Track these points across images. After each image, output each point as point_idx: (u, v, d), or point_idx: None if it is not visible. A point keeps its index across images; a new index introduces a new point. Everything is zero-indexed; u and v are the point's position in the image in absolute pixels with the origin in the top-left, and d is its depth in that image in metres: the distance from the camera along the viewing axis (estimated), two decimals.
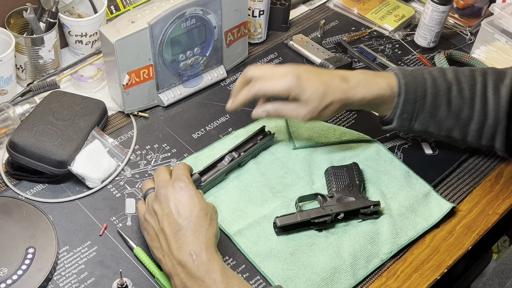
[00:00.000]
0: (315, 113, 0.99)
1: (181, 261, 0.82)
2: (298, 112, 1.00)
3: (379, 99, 1.01)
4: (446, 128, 1.04)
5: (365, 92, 1.00)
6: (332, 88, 0.99)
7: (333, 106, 1.00)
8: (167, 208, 0.85)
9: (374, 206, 0.99)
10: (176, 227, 0.84)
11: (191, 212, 0.85)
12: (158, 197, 0.87)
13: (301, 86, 0.98)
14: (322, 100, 0.98)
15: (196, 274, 0.81)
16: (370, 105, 1.03)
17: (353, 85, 1.00)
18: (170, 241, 0.84)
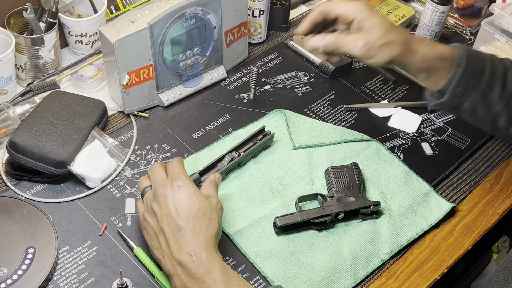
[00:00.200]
0: (374, 46, 0.92)
1: (181, 261, 0.82)
2: (356, 43, 0.93)
3: (439, 62, 0.95)
4: (495, 112, 0.98)
5: (428, 49, 0.95)
6: (398, 30, 0.94)
7: (394, 47, 0.93)
8: (166, 208, 0.85)
9: (374, 206, 0.99)
10: (175, 228, 0.84)
11: (190, 213, 0.84)
12: (156, 197, 0.87)
13: (370, 12, 0.93)
14: (386, 34, 0.93)
15: (196, 275, 0.81)
16: (428, 68, 0.96)
17: (418, 39, 0.96)
18: (169, 241, 0.84)
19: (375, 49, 0.93)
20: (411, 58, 0.94)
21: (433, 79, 0.98)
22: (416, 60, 0.95)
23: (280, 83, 1.25)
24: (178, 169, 0.89)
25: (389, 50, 0.93)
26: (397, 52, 0.93)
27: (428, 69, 0.96)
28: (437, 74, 0.97)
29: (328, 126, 1.14)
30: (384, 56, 0.93)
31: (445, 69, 0.96)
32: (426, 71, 0.96)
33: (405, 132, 1.17)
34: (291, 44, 1.33)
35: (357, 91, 1.25)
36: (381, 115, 1.20)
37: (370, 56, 0.93)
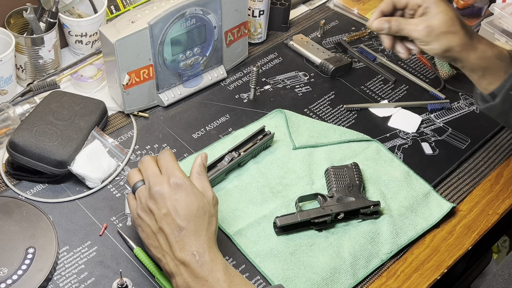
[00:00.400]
0: (434, 31, 0.93)
1: (184, 261, 0.81)
2: (418, 26, 0.94)
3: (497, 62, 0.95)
4: None
5: (488, 47, 0.95)
6: (462, 22, 0.95)
7: (454, 37, 0.93)
8: (164, 208, 0.83)
9: (374, 206, 0.99)
10: (176, 228, 0.83)
11: (190, 213, 0.83)
12: (153, 196, 0.84)
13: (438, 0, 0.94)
14: (449, 22, 0.93)
15: (199, 274, 0.80)
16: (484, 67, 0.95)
17: (479, 36, 0.96)
18: (171, 241, 0.83)
19: (435, 34, 0.93)
20: (469, 53, 0.94)
21: (487, 79, 0.97)
22: (474, 57, 0.94)
23: (280, 83, 1.25)
24: (172, 164, 0.86)
25: (449, 39, 0.93)
26: (456, 43, 0.93)
27: (484, 68, 0.95)
28: (493, 75, 0.96)
29: (328, 126, 1.14)
30: (443, 43, 0.94)
31: (501, 71, 0.95)
32: (482, 69, 0.96)
33: (405, 132, 1.17)
34: (291, 44, 1.33)
35: (357, 91, 1.25)
36: (381, 115, 1.20)
37: (429, 40, 0.94)
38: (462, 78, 1.29)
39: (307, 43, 1.33)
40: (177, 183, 0.84)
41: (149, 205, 0.85)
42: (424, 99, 1.24)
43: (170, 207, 0.83)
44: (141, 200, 0.86)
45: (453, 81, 1.28)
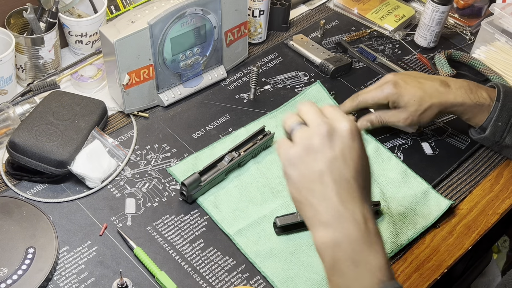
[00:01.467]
0: (414, 117, 1.05)
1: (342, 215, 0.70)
2: (399, 117, 1.06)
3: (478, 107, 1.04)
4: None
5: (465, 98, 1.04)
6: (430, 92, 1.04)
7: (432, 110, 1.04)
8: (332, 151, 0.71)
9: (374, 206, 0.99)
10: (342, 179, 0.71)
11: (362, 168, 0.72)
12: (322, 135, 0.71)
13: (399, 93, 1.04)
14: (420, 104, 1.04)
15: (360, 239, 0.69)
16: (467, 113, 1.05)
17: (453, 90, 1.04)
18: (333, 190, 0.70)
19: (416, 118, 1.05)
20: (450, 110, 1.05)
21: (474, 120, 1.07)
22: (455, 111, 1.05)
23: (280, 83, 1.25)
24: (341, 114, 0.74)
25: (429, 114, 1.05)
26: (436, 112, 1.05)
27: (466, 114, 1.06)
28: (477, 118, 1.06)
29: None
30: (428, 118, 1.05)
31: (484, 112, 1.05)
32: (467, 115, 1.06)
33: (405, 132, 1.17)
34: (291, 44, 1.33)
35: (357, 91, 1.25)
36: None
37: (416, 123, 1.06)
38: (462, 78, 1.30)
39: (307, 43, 1.33)
40: (352, 131, 0.72)
41: (315, 145, 0.72)
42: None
43: (339, 153, 0.71)
44: (302, 140, 0.73)
45: None
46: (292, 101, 1.19)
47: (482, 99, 1.04)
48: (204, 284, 0.92)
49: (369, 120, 1.09)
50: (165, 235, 0.98)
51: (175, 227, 0.99)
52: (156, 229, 0.98)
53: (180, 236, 0.98)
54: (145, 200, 1.02)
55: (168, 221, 1.00)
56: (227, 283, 0.93)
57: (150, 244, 0.96)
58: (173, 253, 0.96)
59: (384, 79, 1.07)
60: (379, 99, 1.06)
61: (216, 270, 0.94)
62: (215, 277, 0.93)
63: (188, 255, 0.96)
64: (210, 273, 0.94)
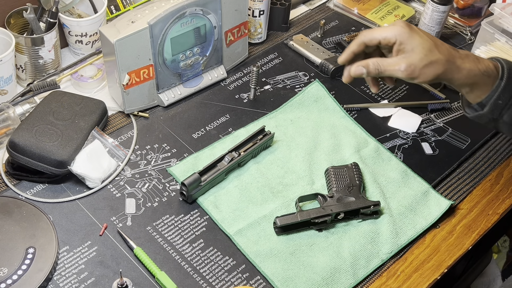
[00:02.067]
0: (416, 68, 0.93)
1: None
2: (400, 66, 0.94)
3: (484, 78, 0.96)
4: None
5: (473, 65, 0.96)
6: (441, 48, 0.95)
7: (437, 66, 0.94)
8: None
9: (374, 206, 0.99)
10: None
11: None
12: None
13: (410, 34, 0.94)
14: (428, 54, 0.94)
15: None
16: (472, 83, 0.97)
17: (463, 55, 0.97)
18: None
19: (419, 70, 0.93)
20: (456, 75, 0.95)
21: (475, 93, 0.98)
22: (460, 77, 0.95)
23: (280, 83, 1.25)
24: None
25: (433, 70, 0.94)
26: (441, 71, 0.94)
27: (472, 84, 0.97)
28: (480, 89, 0.97)
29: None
30: (429, 75, 0.94)
31: (488, 85, 0.96)
32: (470, 86, 0.97)
33: (405, 132, 1.17)
34: (291, 44, 1.33)
35: (357, 91, 1.25)
36: (381, 115, 1.20)
37: (415, 77, 0.94)
38: None
39: (307, 43, 1.33)
40: None
41: None
42: (424, 99, 1.24)
43: None
44: None
45: None
46: (292, 101, 1.19)
47: (490, 70, 0.97)
48: (204, 284, 0.92)
49: (366, 66, 0.96)
50: (165, 235, 0.98)
51: (175, 227, 0.99)
52: (156, 229, 0.98)
53: (180, 236, 0.98)
54: (145, 200, 1.02)
55: (168, 221, 1.00)
56: (227, 283, 0.93)
57: (150, 244, 0.96)
58: (173, 253, 0.96)
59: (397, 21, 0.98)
60: (388, 35, 0.95)
61: (216, 270, 0.94)
62: (215, 277, 0.93)
63: (188, 255, 0.96)
64: (210, 273, 0.94)
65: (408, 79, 0.95)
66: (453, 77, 0.95)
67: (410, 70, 0.93)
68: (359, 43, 0.97)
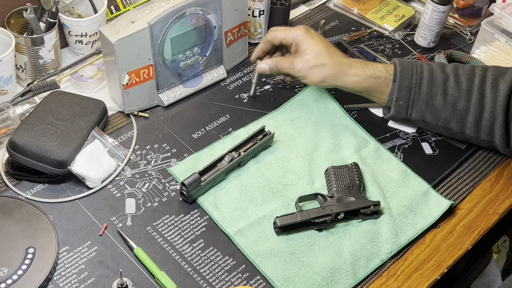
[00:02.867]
0: (306, 67, 1.05)
1: None
2: (294, 64, 1.06)
3: (373, 80, 1.04)
4: (444, 118, 1.06)
5: (359, 71, 1.04)
6: (330, 54, 1.05)
7: (325, 69, 1.04)
8: None
9: (374, 206, 0.99)
10: None
11: None
12: None
13: (305, 37, 1.06)
14: (316, 56, 1.04)
15: None
16: (364, 87, 1.06)
17: (350, 62, 1.06)
18: None
19: (306, 69, 1.05)
20: (343, 79, 1.05)
21: (374, 97, 1.08)
22: (349, 82, 1.05)
23: (280, 83, 1.25)
24: None
25: (320, 72, 1.04)
26: (328, 74, 1.04)
27: (364, 89, 1.06)
28: (376, 93, 1.06)
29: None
30: (316, 76, 1.05)
31: (382, 86, 1.05)
32: (364, 90, 1.07)
33: (405, 132, 1.17)
34: None
35: None
36: (381, 115, 1.20)
37: (304, 75, 1.06)
38: None
39: None
40: None
41: None
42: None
43: None
44: None
45: None
46: (292, 101, 1.19)
47: (378, 72, 1.05)
48: (204, 284, 0.92)
49: (267, 63, 1.11)
50: (165, 235, 0.98)
51: (175, 227, 0.99)
52: (156, 229, 0.98)
53: (180, 236, 0.98)
54: (145, 200, 1.02)
55: (168, 221, 1.00)
56: (227, 283, 0.93)
57: (150, 244, 0.96)
58: (173, 253, 0.96)
59: (300, 26, 1.10)
60: (287, 35, 1.08)
61: (216, 270, 0.94)
62: (215, 277, 0.93)
63: (188, 255, 0.96)
64: (210, 273, 0.94)
65: (300, 78, 1.08)
66: (343, 81, 1.05)
67: (299, 68, 1.06)
68: (265, 41, 1.12)
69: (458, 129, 1.07)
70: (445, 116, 1.06)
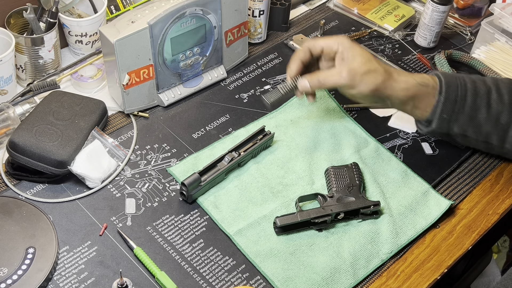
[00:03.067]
0: (357, 74, 0.97)
1: None
2: (341, 74, 0.97)
3: (422, 88, 0.99)
4: (485, 132, 1.03)
5: (408, 77, 1.00)
6: (378, 60, 0.99)
7: (377, 75, 0.97)
8: None
9: (374, 206, 0.99)
10: None
11: None
12: None
13: (351, 44, 0.99)
14: (367, 62, 0.97)
15: None
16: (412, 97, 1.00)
17: (397, 69, 1.01)
18: None
19: (359, 76, 0.97)
20: (394, 86, 0.98)
21: (419, 108, 1.02)
22: (399, 89, 0.99)
23: (280, 83, 1.25)
24: None
25: (373, 78, 0.97)
26: (380, 80, 0.97)
27: (412, 98, 1.00)
28: (423, 102, 1.01)
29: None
30: (369, 83, 0.97)
31: (429, 96, 1.01)
32: (411, 100, 1.01)
33: (405, 132, 1.17)
34: (291, 44, 1.33)
35: None
36: (381, 115, 1.20)
37: (355, 84, 0.97)
38: None
39: None
40: None
41: None
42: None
43: None
44: None
45: None
46: (292, 101, 1.19)
47: (426, 80, 1.01)
48: (204, 284, 0.92)
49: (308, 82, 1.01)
50: (165, 235, 0.98)
51: (175, 227, 0.99)
52: (156, 229, 0.98)
53: (180, 236, 0.98)
54: (145, 200, 1.02)
55: (168, 221, 1.00)
56: (227, 283, 0.93)
57: (150, 244, 0.96)
58: (173, 253, 0.96)
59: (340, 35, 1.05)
60: (331, 43, 1.00)
61: (216, 270, 0.94)
62: (215, 277, 0.93)
63: (188, 255, 0.96)
64: (210, 273, 0.94)
65: (349, 87, 0.98)
66: (392, 90, 0.99)
67: (351, 76, 0.97)
68: (304, 50, 1.02)
69: (498, 143, 1.04)
70: (487, 130, 1.03)
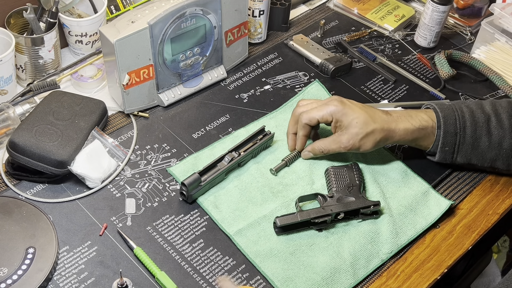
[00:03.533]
0: (356, 140, 1.01)
1: None
2: (340, 140, 1.02)
3: (421, 131, 1.03)
4: (490, 159, 1.06)
5: (407, 124, 1.03)
6: (374, 117, 1.02)
7: (375, 135, 1.01)
8: None
9: (374, 206, 0.99)
10: None
11: None
12: None
13: (344, 110, 1.02)
14: (363, 126, 1.01)
15: None
16: (412, 139, 1.04)
17: (395, 117, 1.03)
18: None
19: (358, 142, 1.01)
20: (394, 137, 1.03)
21: (422, 144, 1.06)
22: (399, 138, 1.03)
23: (280, 83, 1.25)
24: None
25: (372, 139, 1.01)
26: (379, 138, 1.02)
27: (413, 140, 1.05)
28: (424, 140, 1.05)
29: None
30: (369, 144, 1.02)
31: (430, 136, 1.05)
32: (413, 141, 1.05)
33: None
34: (291, 44, 1.33)
35: (357, 91, 1.25)
36: None
37: (356, 147, 1.02)
38: (462, 78, 1.30)
39: (307, 43, 1.33)
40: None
41: None
42: (424, 99, 1.24)
43: None
44: None
45: (453, 81, 1.29)
46: (292, 100, 1.19)
47: (424, 122, 1.04)
48: (204, 284, 0.92)
49: (311, 150, 1.07)
50: (165, 235, 0.98)
51: (175, 227, 0.99)
52: (156, 229, 0.98)
53: (180, 236, 0.98)
54: (145, 200, 1.02)
55: (168, 221, 1.00)
56: None
57: (150, 244, 0.96)
58: (173, 253, 0.96)
59: (330, 98, 1.05)
60: (324, 115, 1.02)
61: (216, 270, 0.94)
62: (215, 277, 0.93)
63: (188, 255, 0.96)
64: (210, 273, 0.94)
65: (354, 150, 1.04)
66: (393, 139, 1.03)
67: (350, 144, 1.02)
68: (302, 127, 1.05)
69: (505, 167, 1.07)
70: (491, 157, 1.05)
